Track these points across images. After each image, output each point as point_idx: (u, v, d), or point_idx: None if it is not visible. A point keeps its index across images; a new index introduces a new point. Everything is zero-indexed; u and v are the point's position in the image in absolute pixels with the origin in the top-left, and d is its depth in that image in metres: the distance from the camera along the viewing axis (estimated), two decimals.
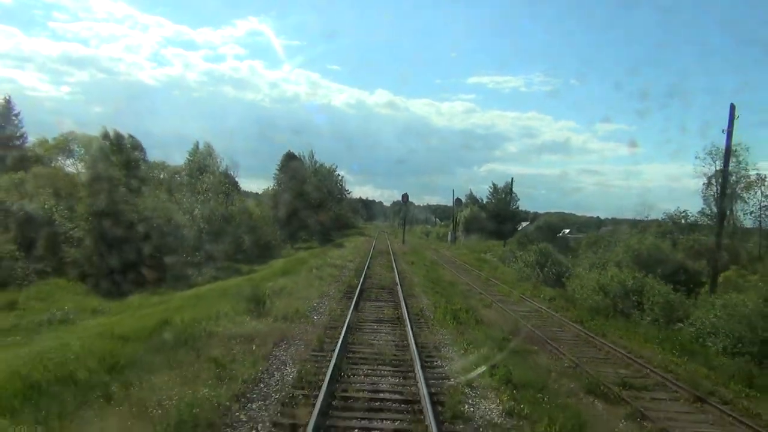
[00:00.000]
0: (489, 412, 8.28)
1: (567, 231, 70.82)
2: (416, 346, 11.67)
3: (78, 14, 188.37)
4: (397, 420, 7.86)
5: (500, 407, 8.45)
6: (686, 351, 14.00)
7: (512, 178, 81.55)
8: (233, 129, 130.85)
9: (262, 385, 8.94)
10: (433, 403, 8.18)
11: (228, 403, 7.87)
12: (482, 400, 8.78)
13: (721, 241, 23.60)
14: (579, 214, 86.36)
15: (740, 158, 38.51)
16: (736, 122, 21.70)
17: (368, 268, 28.36)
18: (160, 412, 7.23)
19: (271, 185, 62.49)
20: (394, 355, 11.35)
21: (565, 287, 27.46)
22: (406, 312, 15.71)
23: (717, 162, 39.73)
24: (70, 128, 44.50)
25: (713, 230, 42.45)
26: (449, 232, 75.95)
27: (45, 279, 26.08)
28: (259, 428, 7.28)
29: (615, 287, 22.24)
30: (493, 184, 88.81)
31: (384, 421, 7.76)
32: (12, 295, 22.41)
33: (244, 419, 7.51)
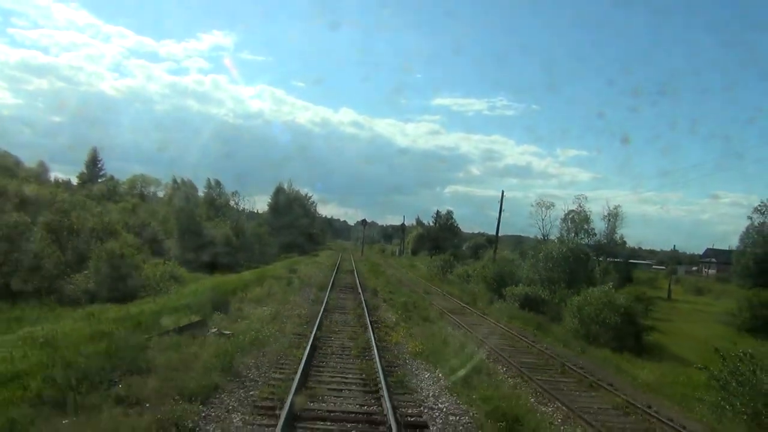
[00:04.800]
0: (376, 289, 29.63)
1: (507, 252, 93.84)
2: (359, 283, 32.92)
3: (38, 21, 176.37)
4: (353, 297, 29.12)
5: (380, 288, 29.79)
6: (469, 291, 35.86)
7: (448, 210, 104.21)
8: (196, 143, 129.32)
9: (310, 284, 30.14)
10: (362, 288, 29.43)
11: (304, 280, 29.23)
12: (377, 289, 30.14)
13: (495, 251, 46.10)
14: (531, 236, 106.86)
15: (582, 204, 62.46)
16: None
17: (339, 265, 49.69)
18: (294, 281, 28.36)
19: (265, 208, 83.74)
20: (351, 286, 32.66)
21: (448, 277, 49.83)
22: (357, 277, 37.05)
23: (543, 209, 63.90)
24: (28, 138, 57.74)
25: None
26: (398, 249, 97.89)
27: None
28: (314, 291, 28.33)
29: (464, 274, 44.62)
30: (437, 211, 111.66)
31: (347, 301, 28.98)
32: None
33: (309, 288, 28.62)
